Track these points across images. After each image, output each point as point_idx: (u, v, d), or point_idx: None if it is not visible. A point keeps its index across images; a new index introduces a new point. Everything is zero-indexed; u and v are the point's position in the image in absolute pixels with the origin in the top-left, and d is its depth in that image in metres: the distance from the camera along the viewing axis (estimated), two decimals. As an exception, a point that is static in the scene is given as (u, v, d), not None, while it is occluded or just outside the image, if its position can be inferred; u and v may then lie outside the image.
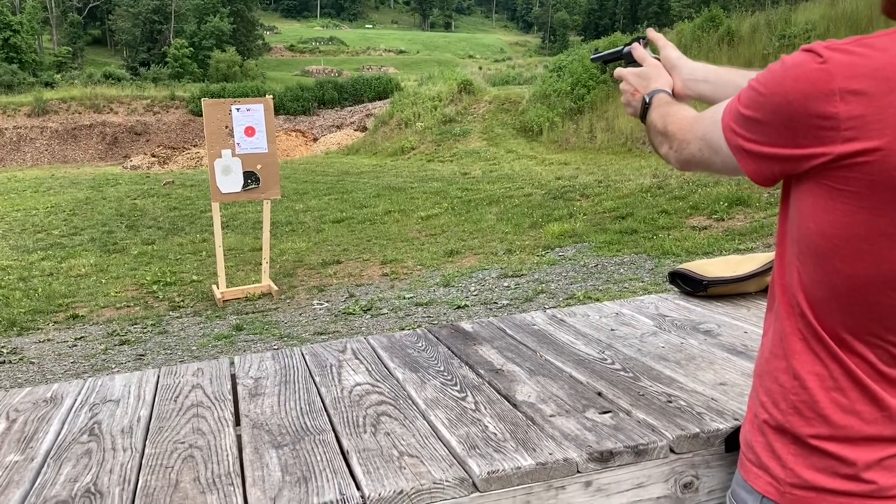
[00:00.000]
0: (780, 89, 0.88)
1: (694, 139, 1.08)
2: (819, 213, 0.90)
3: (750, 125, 0.93)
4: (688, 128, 1.11)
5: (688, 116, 1.15)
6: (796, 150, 0.88)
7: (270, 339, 5.46)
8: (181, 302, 6.86)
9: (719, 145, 1.00)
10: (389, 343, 1.68)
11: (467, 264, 7.24)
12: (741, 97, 0.95)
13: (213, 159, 6.74)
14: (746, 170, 0.96)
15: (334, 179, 15.14)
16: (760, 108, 0.90)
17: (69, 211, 13.83)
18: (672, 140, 1.15)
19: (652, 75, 1.38)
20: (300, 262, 8.06)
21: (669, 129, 1.16)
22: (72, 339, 5.82)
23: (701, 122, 1.08)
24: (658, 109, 1.26)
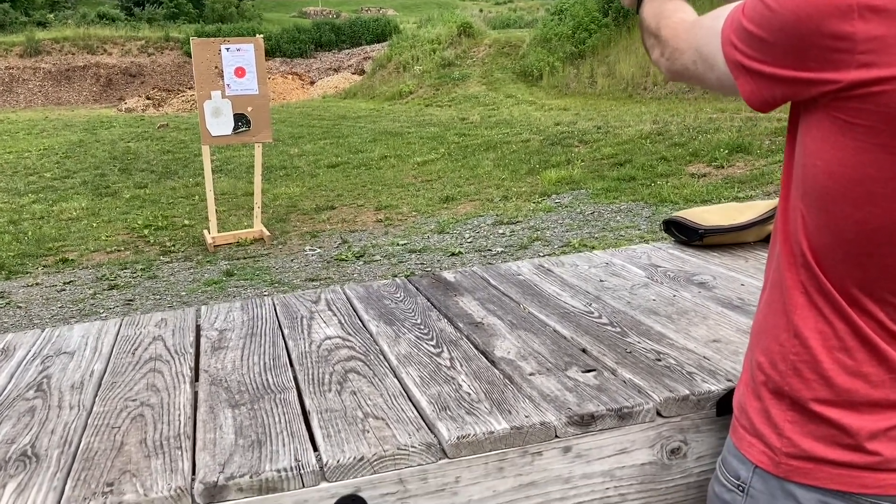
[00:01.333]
0: (791, 3, 0.76)
1: (688, 48, 0.96)
2: (827, 150, 0.79)
3: (753, 41, 0.81)
4: (683, 34, 0.99)
5: (684, 20, 1.02)
6: (803, 72, 0.77)
7: (261, 286, 5.39)
8: (172, 247, 6.77)
9: (716, 59, 0.88)
10: (366, 293, 1.59)
11: (462, 211, 7.13)
12: (746, 8, 0.83)
13: (203, 101, 6.57)
14: (743, 90, 0.85)
15: (330, 124, 14.91)
16: (767, 24, 0.79)
17: (62, 154, 13.65)
18: (664, 46, 1.03)
19: None
20: (293, 208, 7.95)
21: (662, 34, 1.04)
22: (61, 283, 5.74)
23: (698, 30, 0.95)
24: (652, 3, 1.13)
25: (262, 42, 6.82)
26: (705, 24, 0.93)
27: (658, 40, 1.04)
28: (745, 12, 0.82)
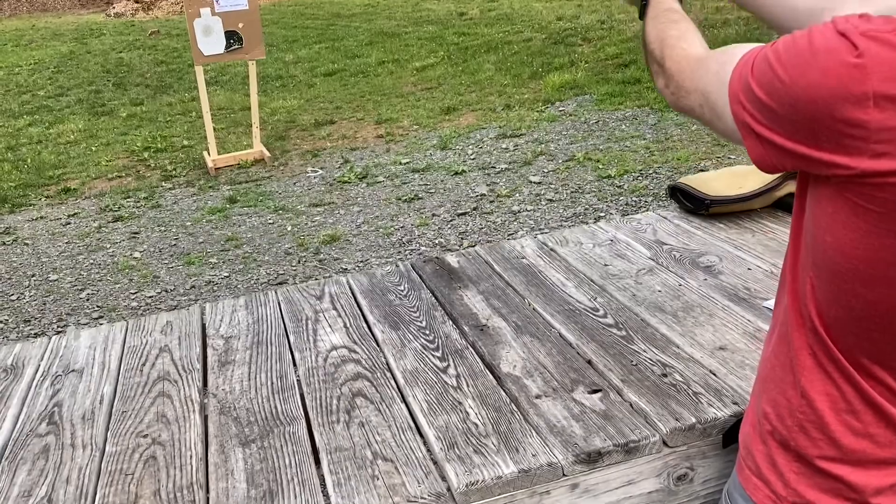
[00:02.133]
0: (804, 81, 0.71)
1: (694, 90, 0.91)
2: (839, 228, 0.76)
3: (762, 108, 0.77)
4: (689, 72, 0.93)
5: (689, 55, 0.96)
6: (816, 151, 0.73)
7: (265, 213, 5.38)
8: (173, 171, 6.72)
9: (724, 112, 0.84)
10: (370, 285, 1.58)
11: (465, 123, 7.00)
12: (755, 69, 0.78)
13: (192, 19, 6.36)
14: (751, 152, 0.81)
15: (325, 24, 14.48)
16: (777, 95, 0.74)
17: (54, 68, 13.37)
18: (669, 79, 0.97)
19: None
20: (292, 123, 7.82)
21: (667, 65, 0.98)
22: (65, 215, 5.74)
23: (705, 71, 0.90)
24: (656, 22, 1.06)
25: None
26: (712, 68, 0.88)
27: (662, 70, 0.98)
28: (755, 73, 0.77)
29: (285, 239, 4.86)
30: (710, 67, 0.89)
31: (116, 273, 4.54)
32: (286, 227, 5.05)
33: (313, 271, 4.32)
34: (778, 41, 0.78)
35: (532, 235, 1.74)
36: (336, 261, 4.44)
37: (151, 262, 4.68)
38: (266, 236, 4.94)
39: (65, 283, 4.45)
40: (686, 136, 5.61)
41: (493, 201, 5.09)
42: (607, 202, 4.79)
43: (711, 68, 0.88)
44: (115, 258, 4.79)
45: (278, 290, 1.60)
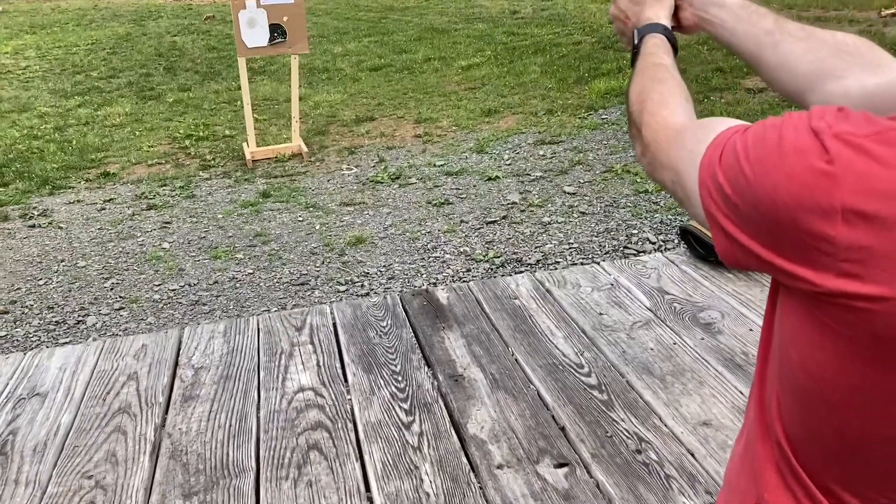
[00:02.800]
0: (767, 181, 0.63)
1: (668, 165, 0.82)
2: (804, 344, 0.67)
3: (727, 201, 0.69)
4: (664, 144, 0.85)
5: (668, 124, 0.87)
6: (779, 259, 0.65)
7: (297, 209, 5.36)
8: (212, 160, 6.76)
9: (693, 194, 0.75)
10: (353, 317, 1.52)
11: (504, 126, 6.91)
12: (724, 157, 0.69)
13: (238, 10, 6.37)
14: (717, 244, 0.73)
15: (377, 17, 14.47)
16: (741, 192, 0.66)
17: (109, 49, 13.59)
18: (645, 147, 0.89)
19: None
20: (333, 118, 7.81)
21: (644, 133, 0.90)
22: (101, 200, 5.80)
23: (680, 146, 0.81)
24: (641, 77, 0.97)
25: (297, -53, 6.51)
26: (687, 145, 0.79)
27: (639, 135, 0.90)
28: (723, 162, 0.69)
29: (312, 238, 4.84)
30: (685, 143, 0.80)
31: (143, 263, 4.57)
32: (315, 226, 5.03)
33: (336, 273, 4.28)
34: (751, 129, 0.69)
35: (530, 273, 1.66)
36: (359, 263, 4.40)
37: (179, 253, 4.70)
38: (294, 234, 4.92)
39: (92, 270, 4.49)
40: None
41: (524, 210, 5.00)
42: (641, 219, 4.66)
43: (687, 145, 0.80)
44: (144, 248, 4.83)
45: (260, 318, 1.55)
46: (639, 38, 1.03)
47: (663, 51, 1.00)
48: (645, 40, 1.02)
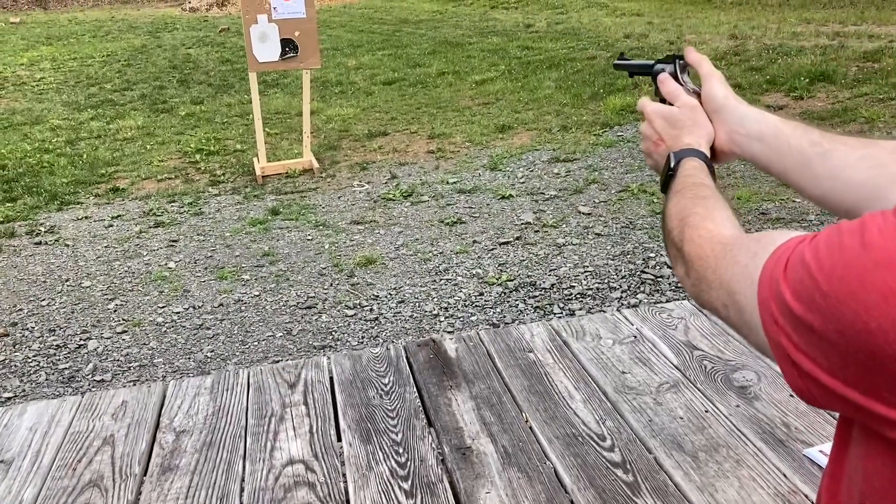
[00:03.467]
0: (854, 301, 0.50)
1: (718, 284, 0.69)
2: None
3: (800, 328, 0.55)
4: (712, 259, 0.71)
5: (713, 236, 0.74)
6: (875, 403, 0.51)
7: (306, 228, 5.26)
8: (222, 176, 6.68)
9: (753, 319, 0.62)
10: (352, 372, 1.40)
11: (518, 143, 6.79)
12: (789, 271, 0.56)
13: (249, 25, 6.30)
14: (791, 383, 0.59)
15: (391, 30, 14.42)
16: (819, 313, 0.53)
17: (124, 61, 13.61)
18: (689, 266, 0.76)
19: (685, 122, 0.98)
20: (346, 132, 7.72)
21: (686, 250, 0.77)
22: (109, 217, 5.73)
23: (732, 261, 0.68)
24: (680, 197, 0.86)
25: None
26: (741, 259, 0.66)
27: (681, 255, 0.78)
28: (789, 277, 0.56)
29: (322, 258, 4.73)
30: (738, 258, 0.67)
31: (148, 283, 4.47)
32: (324, 245, 4.92)
33: (344, 296, 4.17)
34: (819, 236, 0.56)
35: (545, 321, 1.53)
36: (369, 286, 4.28)
37: (184, 273, 4.60)
38: (303, 253, 4.82)
39: (96, 290, 4.40)
40: (749, 173, 5.29)
41: (538, 231, 4.87)
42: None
43: (740, 259, 0.66)
44: (149, 267, 4.73)
45: (251, 371, 1.42)
46: (676, 161, 0.92)
47: (704, 173, 0.90)
48: (683, 163, 0.91)
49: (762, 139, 0.92)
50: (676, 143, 0.97)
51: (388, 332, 3.74)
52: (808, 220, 4.62)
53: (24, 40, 17.08)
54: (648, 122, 1.03)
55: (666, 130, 0.99)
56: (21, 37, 17.81)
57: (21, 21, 21.77)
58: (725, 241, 0.72)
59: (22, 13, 24.56)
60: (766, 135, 0.92)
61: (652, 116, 1.02)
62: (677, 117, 0.99)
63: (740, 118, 0.95)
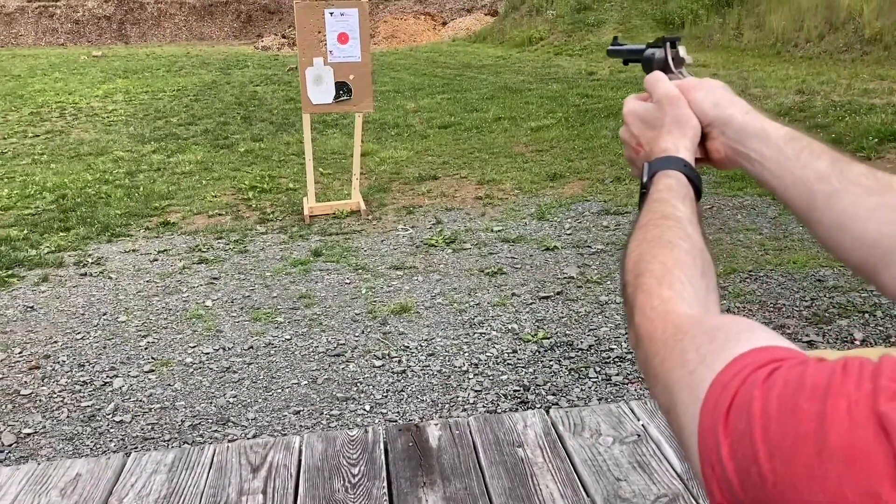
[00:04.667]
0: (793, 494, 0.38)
1: (662, 381, 0.56)
2: None
3: (729, 495, 0.44)
4: (660, 347, 0.58)
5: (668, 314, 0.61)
6: None
7: (346, 271, 5.21)
8: (271, 214, 6.72)
9: (690, 443, 0.50)
10: (322, 457, 1.28)
11: (569, 192, 6.65)
12: (731, 416, 0.46)
13: (305, 67, 6.37)
14: None
15: (453, 74, 14.53)
16: (751, 489, 0.41)
17: (193, 96, 14.02)
18: (637, 339, 0.64)
19: (662, 120, 0.82)
20: (397, 175, 7.71)
21: (637, 320, 0.65)
22: (155, 251, 5.79)
23: (679, 356, 0.55)
24: (642, 235, 0.73)
25: (367, 6, 6.50)
26: (689, 360, 0.54)
27: (632, 320, 0.65)
28: (729, 423, 0.45)
29: (357, 303, 4.66)
30: (686, 356, 0.55)
31: (183, 322, 4.46)
32: (361, 290, 4.85)
33: (374, 345, 4.07)
34: (780, 375, 0.44)
35: (543, 409, 1.39)
36: (400, 335, 4.18)
37: (220, 313, 4.58)
38: (339, 297, 4.76)
39: (131, 326, 4.40)
40: (808, 237, 5.04)
41: (581, 287, 4.71)
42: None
43: (689, 358, 0.54)
44: (187, 304, 4.73)
45: (217, 448, 1.33)
46: (649, 176, 0.78)
47: (678, 196, 0.75)
48: (656, 179, 0.77)
49: (764, 164, 0.77)
50: (654, 147, 0.82)
51: (413, 386, 3.62)
52: (869, 288, 4.35)
53: (102, 73, 17.80)
54: (626, 124, 0.88)
55: (643, 133, 0.85)
56: (101, 69, 18.58)
57: (103, 54, 22.75)
58: (679, 323, 0.59)
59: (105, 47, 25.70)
60: (767, 159, 0.77)
61: (628, 117, 0.87)
62: (653, 115, 0.84)
63: (737, 132, 0.80)
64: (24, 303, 4.77)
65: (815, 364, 0.44)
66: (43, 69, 18.51)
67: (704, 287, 0.65)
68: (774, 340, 0.51)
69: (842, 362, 0.43)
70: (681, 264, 0.66)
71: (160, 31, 27.96)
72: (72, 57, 21.76)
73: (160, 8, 28.40)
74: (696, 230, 0.71)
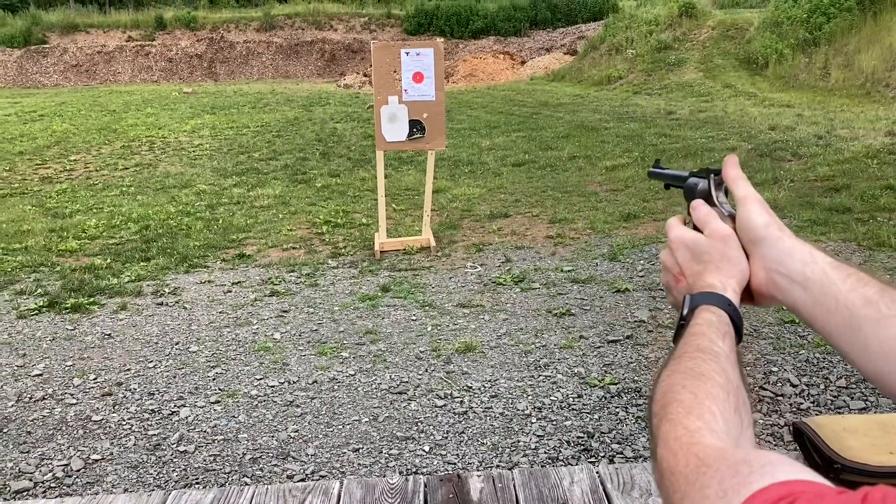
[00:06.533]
0: None
1: (686, 497, 0.53)
2: None
3: None
4: (682, 482, 0.53)
5: (692, 447, 0.55)
6: None
7: (412, 307, 5.21)
8: (343, 249, 6.81)
9: None
10: (360, 502, 1.26)
11: (642, 233, 6.52)
12: None
13: (380, 106, 6.48)
14: None
15: (530, 112, 14.56)
16: None
17: (275, 132, 14.43)
18: (659, 473, 0.59)
19: (712, 256, 0.78)
20: (468, 212, 7.73)
21: (660, 452, 0.59)
22: (230, 282, 5.92)
23: (700, 494, 0.50)
24: (676, 365, 0.67)
25: (442, 47, 6.59)
26: (710, 497, 0.50)
27: (654, 451, 0.61)
28: None
29: (422, 340, 4.65)
30: (707, 490, 0.50)
31: (251, 354, 4.53)
32: (427, 327, 4.84)
33: (437, 384, 4.04)
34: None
35: (591, 465, 1.34)
36: (464, 375, 4.14)
37: (287, 346, 4.63)
38: (404, 334, 4.75)
39: (201, 357, 4.50)
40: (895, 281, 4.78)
41: (653, 331, 4.58)
42: (784, 353, 4.12)
43: (709, 493, 0.50)
44: (256, 336, 4.81)
45: (256, 491, 1.31)
46: (690, 308, 0.75)
47: (718, 332, 0.70)
48: (697, 313, 0.74)
49: (806, 286, 0.72)
50: (698, 281, 0.78)
51: (474, 428, 3.56)
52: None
53: (191, 109, 18.55)
54: (670, 249, 0.84)
55: (688, 264, 0.81)
56: (190, 105, 19.37)
57: (193, 91, 23.74)
58: (703, 457, 0.54)
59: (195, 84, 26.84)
60: (811, 281, 0.71)
61: (675, 244, 0.83)
62: (704, 249, 0.80)
63: (782, 254, 0.75)
64: (103, 330, 4.93)
65: (832, 497, 0.40)
66: (137, 105, 19.41)
67: (738, 422, 0.60)
68: (799, 474, 0.47)
69: (862, 494, 0.38)
70: (713, 397, 0.61)
71: (248, 70, 29.05)
72: (164, 93, 22.77)
73: (248, 47, 29.54)
74: (733, 368, 0.66)
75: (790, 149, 8.60)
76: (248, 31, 30.10)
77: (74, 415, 3.78)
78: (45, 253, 6.76)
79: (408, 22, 29.46)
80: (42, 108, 18.99)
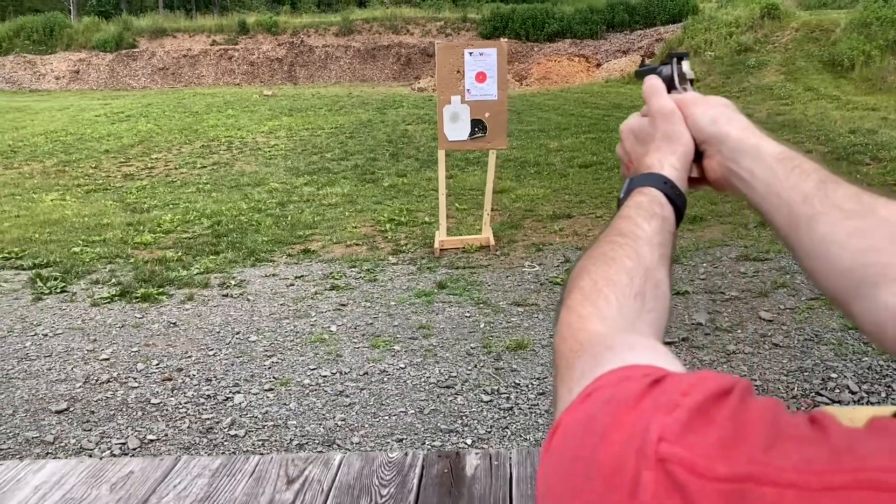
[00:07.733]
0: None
1: (555, 390, 0.54)
2: None
3: None
4: (562, 364, 0.55)
5: (580, 330, 0.57)
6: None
7: (466, 304, 5.24)
8: (404, 246, 6.88)
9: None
10: (357, 476, 1.29)
11: (708, 236, 6.38)
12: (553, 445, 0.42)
13: (443, 105, 6.53)
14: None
15: (601, 114, 14.39)
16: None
17: (348, 133, 14.67)
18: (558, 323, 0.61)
19: (653, 136, 0.77)
20: (531, 212, 7.70)
21: (557, 327, 0.61)
22: (293, 276, 6.07)
23: (571, 370, 0.52)
24: (595, 249, 0.68)
25: (506, 47, 6.60)
26: (575, 375, 0.51)
27: (561, 306, 0.62)
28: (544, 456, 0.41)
29: (474, 336, 4.66)
30: (573, 372, 0.51)
31: (307, 344, 4.64)
32: (479, 324, 4.86)
33: (485, 379, 4.05)
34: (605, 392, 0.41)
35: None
36: (513, 372, 4.13)
37: (342, 338, 4.72)
38: (457, 330, 4.78)
39: (259, 346, 4.63)
40: None
41: (710, 334, 4.48)
42: (845, 360, 3.97)
43: (574, 375, 0.51)
44: (313, 328, 4.92)
45: (260, 459, 1.36)
46: (626, 192, 0.74)
47: (645, 214, 0.69)
48: (630, 196, 0.73)
49: (754, 183, 0.70)
50: (640, 165, 0.77)
51: (518, 424, 3.56)
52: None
53: (270, 110, 19.04)
54: (621, 139, 0.84)
55: (634, 149, 0.80)
56: (269, 107, 19.88)
57: (273, 94, 24.35)
58: (582, 341, 0.55)
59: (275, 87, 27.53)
60: (757, 178, 0.69)
61: (623, 133, 0.82)
62: (647, 131, 0.79)
63: (732, 151, 0.74)
64: (169, 318, 5.13)
65: (637, 380, 0.40)
66: (218, 106, 20.04)
67: (637, 308, 0.60)
68: (651, 360, 0.47)
69: (659, 375, 0.39)
70: (613, 283, 0.61)
71: (326, 73, 29.62)
72: (245, 96, 23.44)
73: (327, 51, 30.10)
74: (652, 250, 0.66)
75: (869, 152, 8.26)
76: (327, 35, 30.68)
77: (135, 397, 3.95)
78: (121, 245, 7.06)
79: (483, 25, 29.49)
80: (129, 109, 19.81)
